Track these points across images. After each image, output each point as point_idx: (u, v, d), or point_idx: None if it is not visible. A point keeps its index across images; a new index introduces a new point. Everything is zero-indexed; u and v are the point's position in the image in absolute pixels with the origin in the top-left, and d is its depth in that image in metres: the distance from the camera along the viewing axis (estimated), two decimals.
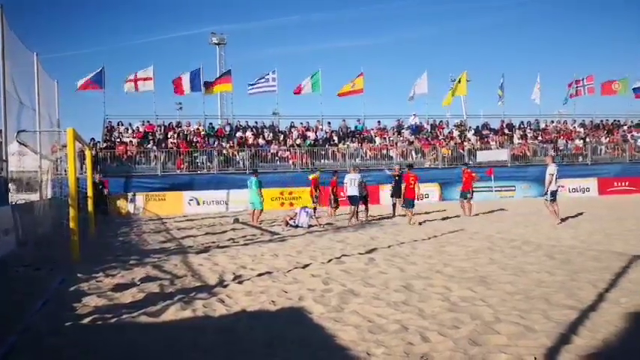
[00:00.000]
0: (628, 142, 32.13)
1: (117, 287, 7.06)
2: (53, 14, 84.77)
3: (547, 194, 14.08)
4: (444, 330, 4.74)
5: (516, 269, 7.57)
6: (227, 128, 29.58)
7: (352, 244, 10.93)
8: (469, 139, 31.23)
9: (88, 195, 15.02)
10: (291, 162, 27.18)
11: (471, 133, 32.17)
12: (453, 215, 17.44)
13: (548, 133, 33.25)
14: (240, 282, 7.21)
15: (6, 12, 11.33)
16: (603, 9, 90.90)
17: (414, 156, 29.41)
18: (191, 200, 23.44)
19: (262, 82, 29.89)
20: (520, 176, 27.79)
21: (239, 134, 28.79)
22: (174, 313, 5.64)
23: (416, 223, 14.86)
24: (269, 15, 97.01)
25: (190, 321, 5.39)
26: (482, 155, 29.19)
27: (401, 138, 30.88)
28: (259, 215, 16.53)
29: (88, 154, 15.28)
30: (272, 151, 27.46)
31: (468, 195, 17.59)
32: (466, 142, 30.68)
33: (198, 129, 28.79)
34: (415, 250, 9.85)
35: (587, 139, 32.43)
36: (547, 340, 4.32)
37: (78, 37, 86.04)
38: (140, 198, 22.97)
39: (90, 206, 14.97)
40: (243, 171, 25.25)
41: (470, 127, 33.32)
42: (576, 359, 3.96)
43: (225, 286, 6.94)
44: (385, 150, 29.28)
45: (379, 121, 32.13)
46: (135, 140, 27.01)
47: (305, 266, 8.37)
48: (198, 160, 26.11)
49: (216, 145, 27.38)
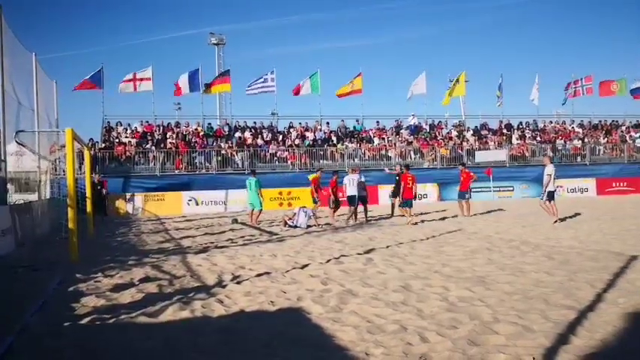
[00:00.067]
0: (626, 143, 32.20)
1: (116, 287, 7.06)
2: (52, 14, 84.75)
3: (544, 194, 14.17)
4: (443, 330, 4.75)
5: (515, 269, 7.58)
6: (226, 128, 29.57)
7: (351, 245, 10.93)
8: (468, 140, 31.26)
9: (87, 195, 15.02)
10: (289, 162, 27.20)
11: (470, 134, 32.21)
12: (452, 215, 17.48)
13: (546, 134, 33.29)
14: (238, 282, 7.21)
15: (4, 12, 11.32)
16: (602, 9, 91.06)
17: (413, 156, 29.44)
18: (190, 200, 23.45)
19: (261, 83, 29.92)
20: (518, 176, 27.85)
21: (238, 134, 28.80)
22: (173, 314, 5.64)
23: (410, 223, 14.87)
24: (268, 15, 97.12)
25: (189, 321, 5.39)
26: (480, 155, 29.25)
27: (399, 138, 30.89)
28: (258, 215, 16.53)
29: (87, 155, 15.26)
30: (271, 152, 27.47)
31: (467, 195, 17.62)
32: (465, 143, 30.71)
33: (196, 129, 28.80)
34: (413, 251, 9.85)
35: (585, 140, 32.49)
36: (545, 340, 4.33)
37: (76, 37, 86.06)
38: (139, 198, 22.98)
39: (89, 207, 14.97)
40: (241, 171, 25.25)
41: (468, 128, 33.36)
42: (575, 359, 3.96)
43: (223, 287, 6.94)
44: (384, 150, 29.30)
45: (378, 122, 32.21)
46: (133, 140, 26.99)
47: (304, 266, 8.36)
48: (196, 161, 26.12)
49: (214, 146, 27.39)
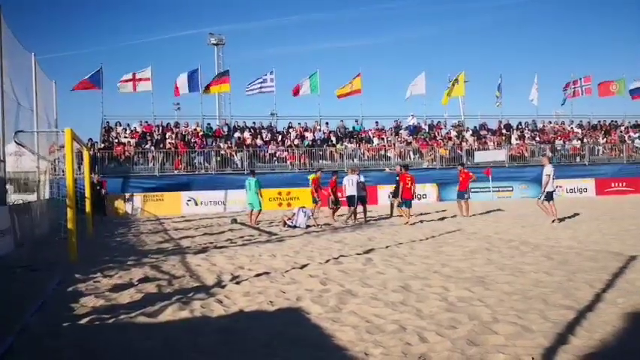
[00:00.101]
0: (625, 143, 32.23)
1: (115, 288, 7.06)
2: (51, 14, 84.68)
3: (542, 194, 14.23)
4: (442, 330, 4.75)
5: (514, 269, 7.58)
6: (225, 129, 29.58)
7: (350, 245, 10.93)
8: (467, 140, 31.27)
9: (86, 195, 15.01)
10: (289, 162, 27.21)
11: (469, 134, 32.23)
12: (451, 215, 17.48)
13: (545, 134, 33.31)
14: (238, 282, 7.21)
15: (4, 12, 11.31)
16: (601, 9, 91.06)
17: (412, 156, 29.46)
18: (189, 201, 23.44)
19: (260, 83, 29.92)
20: (518, 177, 27.87)
21: (237, 135, 28.80)
22: (172, 314, 5.64)
23: (408, 224, 14.87)
24: (268, 15, 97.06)
25: (188, 321, 5.39)
26: (480, 156, 29.27)
27: (399, 138, 30.90)
28: (257, 216, 16.53)
29: (86, 155, 15.26)
30: (270, 152, 27.47)
31: (466, 195, 17.63)
32: (464, 143, 30.72)
33: (196, 129, 28.79)
34: (413, 251, 9.85)
35: (584, 140, 32.52)
36: (544, 340, 4.33)
37: (76, 38, 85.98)
38: (138, 198, 22.98)
39: (88, 207, 14.96)
40: (241, 171, 25.26)
41: (467, 128, 33.38)
42: (574, 359, 3.97)
43: (223, 287, 6.94)
44: (383, 150, 29.31)
45: (377, 122, 32.22)
46: (133, 141, 26.99)
47: (303, 266, 8.36)
48: (196, 161, 26.11)
49: (214, 146, 27.38)
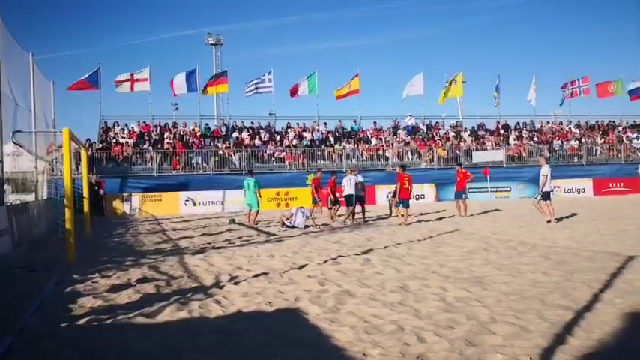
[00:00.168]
0: (623, 143, 32.30)
1: (113, 288, 7.05)
2: (49, 14, 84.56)
3: (539, 194, 14.31)
4: (440, 330, 4.75)
5: (512, 269, 7.59)
6: (223, 129, 29.56)
7: (348, 245, 10.94)
8: (465, 140, 31.31)
9: (84, 196, 14.99)
10: (287, 163, 27.20)
11: (467, 134, 32.25)
12: (449, 216, 17.50)
13: (543, 134, 33.36)
14: (236, 283, 7.21)
15: (1, 12, 11.32)
16: (601, 9, 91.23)
17: (410, 157, 29.47)
18: (187, 201, 23.42)
19: (258, 83, 29.90)
20: (516, 177, 27.89)
21: (235, 135, 28.78)
22: (170, 314, 5.64)
23: (405, 223, 14.87)
24: (267, 15, 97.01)
25: (187, 322, 5.39)
26: (478, 156, 29.30)
27: (397, 139, 30.92)
28: (256, 216, 16.53)
29: (84, 155, 15.24)
30: (268, 152, 27.46)
31: (463, 195, 17.65)
32: (462, 143, 30.75)
33: (194, 130, 28.77)
34: (411, 251, 9.86)
35: (582, 140, 32.57)
36: (542, 341, 4.34)
37: (74, 38, 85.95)
38: (136, 199, 22.95)
39: (86, 207, 14.94)
40: (239, 172, 25.25)
41: (466, 128, 33.40)
42: (572, 359, 3.97)
43: (221, 287, 6.93)
44: (381, 151, 29.32)
45: (375, 122, 32.22)
46: (131, 141, 26.96)
47: (301, 267, 8.36)
48: (194, 161, 26.09)
49: (212, 146, 27.36)
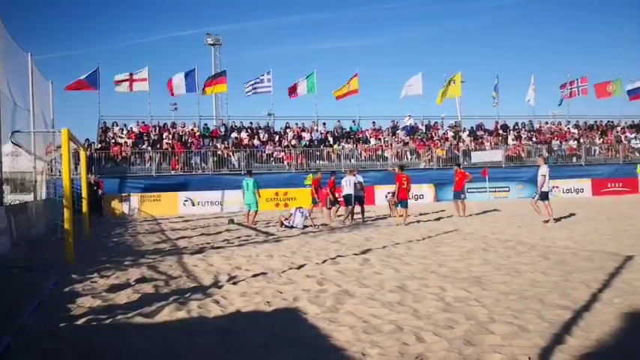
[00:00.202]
0: (622, 143, 32.31)
1: (112, 288, 7.05)
2: (48, 14, 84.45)
3: (537, 194, 14.37)
4: (439, 330, 4.76)
5: (510, 269, 7.59)
6: (222, 129, 29.55)
7: (347, 245, 10.94)
8: (464, 140, 31.31)
9: (83, 196, 14.98)
10: (286, 163, 27.20)
11: (466, 134, 32.26)
12: (447, 216, 17.51)
13: (542, 134, 33.38)
14: (234, 283, 7.21)
15: (0, 12, 11.31)
16: (601, 8, 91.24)
17: (409, 157, 29.48)
18: (186, 201, 23.41)
19: (257, 83, 29.88)
20: (514, 177, 27.90)
21: (234, 135, 28.76)
22: (169, 314, 5.64)
23: (403, 223, 14.88)
24: (267, 15, 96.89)
25: (185, 322, 5.38)
26: (476, 156, 29.31)
27: (396, 139, 30.92)
28: (254, 216, 16.52)
29: (83, 155, 15.23)
30: (267, 152, 27.45)
31: (462, 195, 17.66)
32: (461, 143, 30.76)
33: (193, 130, 28.75)
34: (410, 251, 9.87)
35: (581, 140, 32.59)
36: (541, 340, 4.34)
37: (72, 38, 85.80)
38: (135, 199, 22.93)
39: (84, 207, 14.93)
40: (238, 172, 25.23)
41: (464, 128, 33.40)
42: (570, 359, 3.98)
43: (220, 287, 6.93)
44: (380, 151, 29.32)
45: (374, 122, 32.21)
46: (130, 141, 26.94)
47: (300, 267, 8.37)
48: (192, 161, 26.07)
49: (210, 146, 27.35)
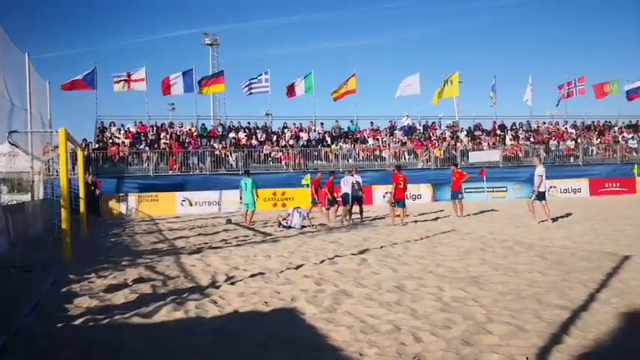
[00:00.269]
0: (619, 144, 32.37)
1: (109, 288, 7.04)
2: (45, 14, 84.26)
3: (533, 194, 14.41)
4: (437, 330, 4.76)
5: (508, 269, 7.60)
6: (220, 129, 29.51)
7: (345, 245, 10.94)
8: (461, 140, 31.34)
9: (80, 196, 14.95)
10: (283, 163, 27.18)
11: (464, 134, 32.29)
12: (444, 216, 17.52)
13: (540, 134, 33.42)
14: (232, 283, 7.20)
15: None
16: (602, 8, 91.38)
17: (407, 157, 29.49)
18: (183, 201, 23.37)
19: (254, 83, 29.85)
20: (512, 177, 27.92)
21: (232, 135, 28.74)
22: (166, 314, 5.63)
23: (401, 224, 14.87)
24: (266, 15, 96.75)
25: (183, 322, 5.38)
26: (474, 156, 29.33)
27: (393, 139, 30.93)
28: (252, 216, 16.50)
29: (80, 155, 15.21)
30: (265, 152, 27.43)
31: (459, 195, 17.68)
32: (458, 143, 30.78)
33: (190, 130, 28.71)
34: (407, 251, 9.87)
35: (578, 140, 32.65)
36: (539, 340, 4.35)
37: (70, 38, 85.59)
38: (132, 199, 22.88)
39: (82, 207, 14.90)
40: (235, 172, 25.21)
41: (462, 128, 33.43)
42: (568, 359, 3.98)
43: (217, 287, 6.93)
44: (378, 151, 29.33)
45: (372, 122, 32.20)
46: (127, 141, 26.89)
47: (298, 267, 8.36)
48: (190, 161, 26.04)
49: (208, 146, 27.32)
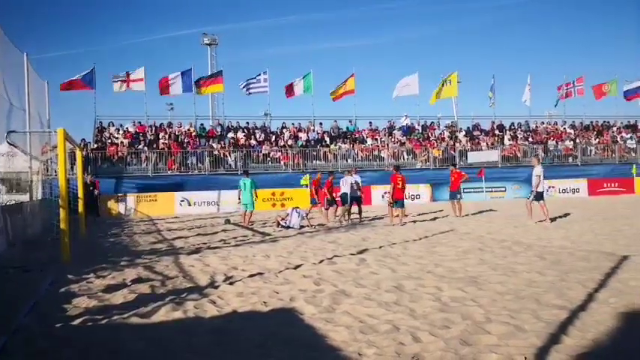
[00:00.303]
0: (617, 144, 32.41)
1: (108, 288, 7.03)
2: (44, 14, 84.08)
3: (531, 194, 14.46)
4: (435, 330, 4.76)
5: (507, 269, 7.61)
6: (218, 129, 29.50)
7: (344, 245, 10.94)
8: (460, 140, 31.36)
9: (79, 196, 14.93)
10: (282, 163, 27.17)
11: (462, 134, 32.31)
12: (443, 216, 17.53)
13: (538, 134, 33.45)
14: (231, 283, 7.20)
15: None
16: (602, 8, 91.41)
17: (406, 157, 29.50)
18: (182, 201, 23.35)
19: (253, 83, 29.83)
20: (510, 177, 27.94)
21: (230, 135, 28.72)
22: (165, 314, 5.63)
23: (398, 224, 14.89)
24: (266, 15, 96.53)
25: (182, 322, 5.38)
26: (473, 156, 29.35)
27: (392, 139, 30.94)
28: (250, 216, 16.50)
29: (79, 155, 15.18)
30: (263, 152, 27.42)
31: (458, 195, 17.70)
32: (457, 143, 30.80)
33: (189, 130, 28.69)
34: (406, 251, 9.88)
35: (577, 141, 32.68)
36: (537, 340, 4.35)
37: (68, 38, 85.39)
38: (131, 199, 22.86)
39: (80, 207, 14.89)
40: (234, 172, 25.19)
41: (461, 129, 33.45)
42: (566, 359, 3.98)
43: (216, 287, 6.92)
44: (377, 151, 29.34)
45: (371, 122, 32.20)
46: (126, 141, 26.87)
47: (296, 267, 8.36)
48: (189, 161, 26.02)
49: (207, 146, 27.31)
